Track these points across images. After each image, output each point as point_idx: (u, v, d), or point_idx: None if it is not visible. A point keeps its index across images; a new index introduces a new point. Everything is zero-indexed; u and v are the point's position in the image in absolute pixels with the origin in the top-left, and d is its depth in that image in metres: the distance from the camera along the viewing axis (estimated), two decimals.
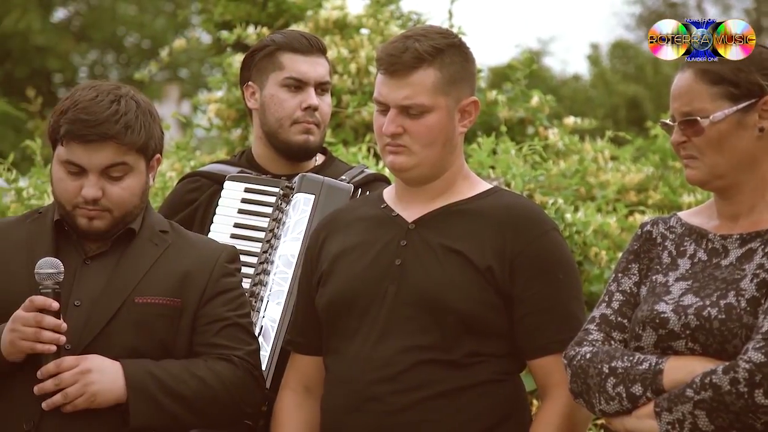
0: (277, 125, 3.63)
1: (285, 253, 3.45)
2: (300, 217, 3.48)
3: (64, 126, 2.94)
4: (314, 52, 3.64)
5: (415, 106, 2.92)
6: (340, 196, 3.50)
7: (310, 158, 3.68)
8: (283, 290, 3.40)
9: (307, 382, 3.07)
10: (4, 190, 5.42)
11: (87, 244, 3.01)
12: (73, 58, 24.00)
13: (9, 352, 2.87)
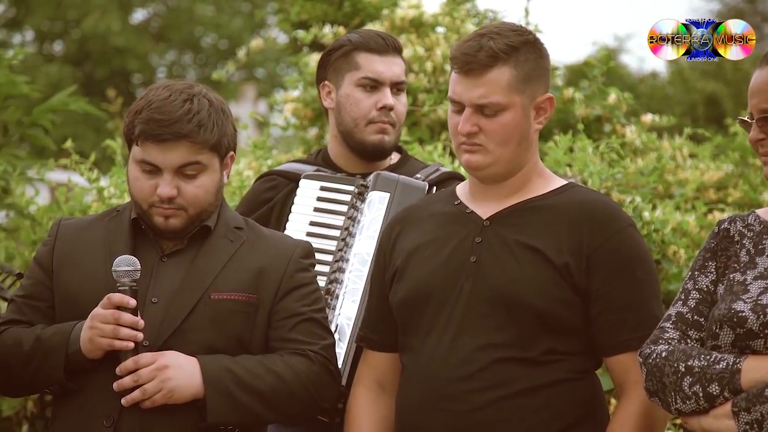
0: (352, 125, 3.64)
1: (360, 251, 3.46)
2: (375, 215, 3.48)
3: (139, 126, 2.97)
4: (390, 51, 3.65)
5: (490, 104, 2.92)
6: (415, 193, 3.49)
7: (384, 158, 3.68)
8: (359, 288, 3.41)
9: (380, 379, 3.08)
10: (86, 189, 5.49)
11: (163, 241, 3.04)
12: (152, 58, 24.27)
13: (88, 349, 2.90)
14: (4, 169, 5.39)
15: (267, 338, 3.02)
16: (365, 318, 3.18)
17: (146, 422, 2.90)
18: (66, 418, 2.96)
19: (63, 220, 3.13)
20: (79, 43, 23.06)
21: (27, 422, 4.98)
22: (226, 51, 23.47)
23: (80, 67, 22.78)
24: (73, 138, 5.56)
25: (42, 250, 3.08)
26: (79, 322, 2.93)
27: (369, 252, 3.44)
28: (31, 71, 17.61)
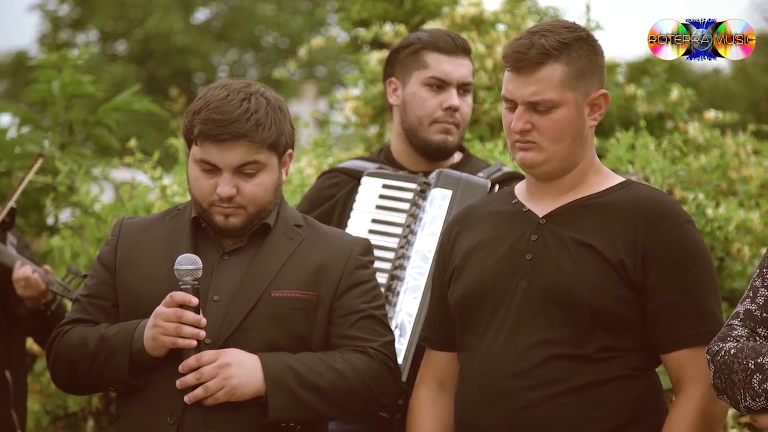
0: (416, 123, 3.64)
1: (421, 249, 3.46)
2: (437, 212, 3.48)
3: (198, 126, 2.98)
4: (459, 52, 3.65)
5: (542, 101, 2.91)
6: (477, 191, 3.49)
7: (447, 158, 3.68)
8: (420, 285, 3.41)
9: (441, 378, 3.08)
10: (149, 187, 5.53)
11: (224, 240, 3.05)
12: (213, 57, 24.45)
13: (152, 347, 2.92)
14: (70, 168, 5.45)
15: (327, 335, 3.03)
16: (427, 317, 3.18)
17: (209, 419, 2.91)
18: (130, 416, 2.99)
19: (125, 220, 3.15)
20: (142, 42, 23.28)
21: (92, 418, 5.04)
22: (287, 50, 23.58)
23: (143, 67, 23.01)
24: (137, 137, 5.61)
25: (105, 249, 3.11)
26: (143, 320, 2.95)
27: (430, 249, 3.44)
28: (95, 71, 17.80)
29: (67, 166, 5.43)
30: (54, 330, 3.05)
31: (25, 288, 4.08)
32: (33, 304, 4.16)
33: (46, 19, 24.59)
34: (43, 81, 5.85)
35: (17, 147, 5.82)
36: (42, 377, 5.19)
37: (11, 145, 5.81)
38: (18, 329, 4.40)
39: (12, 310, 4.29)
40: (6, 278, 4.26)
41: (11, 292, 4.25)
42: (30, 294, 4.09)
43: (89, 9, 23.47)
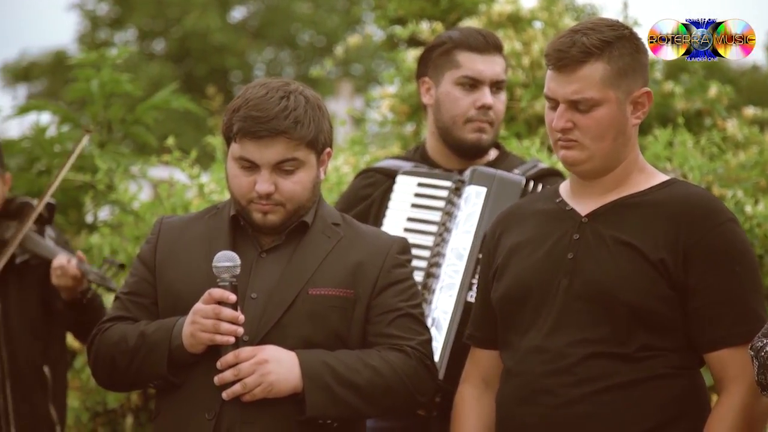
0: (450, 122, 3.64)
1: (456, 246, 3.46)
2: (472, 210, 3.48)
3: (237, 123, 3.00)
4: (491, 50, 3.64)
5: (584, 100, 2.90)
6: (512, 188, 3.48)
7: (482, 156, 3.68)
8: (455, 282, 3.42)
9: (485, 376, 3.08)
10: (187, 186, 5.56)
11: (262, 237, 3.07)
12: (250, 56, 24.51)
13: (190, 343, 2.94)
14: (109, 166, 5.49)
15: (364, 333, 3.04)
16: (472, 316, 3.18)
17: (247, 416, 2.92)
18: (169, 412, 3.01)
19: (165, 219, 3.17)
20: (180, 41, 23.38)
21: (131, 414, 5.07)
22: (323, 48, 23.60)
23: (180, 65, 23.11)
24: (174, 135, 5.64)
25: (145, 248, 3.13)
26: (182, 317, 2.97)
27: (465, 247, 3.44)
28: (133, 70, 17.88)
29: (106, 165, 5.46)
30: (95, 327, 3.08)
31: (61, 277, 4.11)
32: (69, 294, 4.18)
33: (85, 18, 24.74)
34: (82, 80, 5.89)
35: (57, 145, 5.86)
36: (82, 374, 5.22)
37: (51, 143, 5.86)
38: (57, 324, 4.44)
39: (51, 304, 4.33)
40: (45, 272, 4.30)
41: (50, 286, 4.29)
42: (65, 283, 4.11)
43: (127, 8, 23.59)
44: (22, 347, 4.28)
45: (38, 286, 4.33)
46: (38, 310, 4.33)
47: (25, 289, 4.33)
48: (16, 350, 4.27)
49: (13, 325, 4.28)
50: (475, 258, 3.41)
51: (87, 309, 4.19)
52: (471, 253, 3.42)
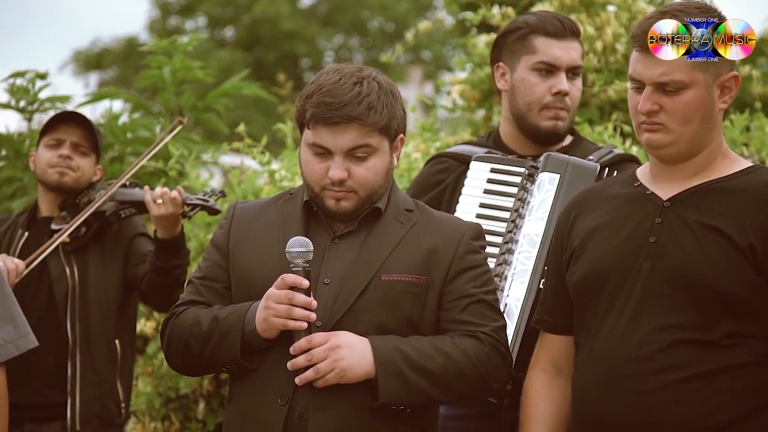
0: (526, 109, 3.61)
1: (529, 233, 3.43)
2: (545, 196, 3.45)
3: (310, 110, 2.99)
4: (568, 35, 3.60)
5: (671, 82, 2.86)
6: (585, 174, 3.45)
7: (558, 143, 3.65)
8: (527, 269, 3.39)
9: (556, 361, 3.06)
10: (258, 172, 5.58)
11: (335, 223, 3.07)
12: (320, 42, 24.57)
13: (263, 328, 2.94)
14: (181, 152, 5.52)
15: (437, 320, 3.02)
16: (542, 301, 3.16)
17: (319, 401, 2.93)
18: (242, 397, 3.01)
19: (238, 204, 3.18)
20: (250, 28, 23.51)
21: (203, 400, 5.10)
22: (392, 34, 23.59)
23: (250, 52, 23.23)
24: (244, 122, 5.65)
25: (218, 233, 3.14)
26: (255, 302, 2.97)
27: (538, 233, 3.41)
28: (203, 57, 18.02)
29: (178, 151, 5.50)
30: (172, 295, 3.09)
31: (161, 205, 4.13)
32: (167, 230, 4.19)
33: (156, 6, 24.97)
34: (154, 67, 5.93)
35: (129, 132, 5.91)
36: (154, 359, 5.27)
37: (123, 130, 5.90)
38: (132, 303, 4.48)
39: (130, 277, 4.37)
40: (129, 240, 4.36)
41: (131, 257, 4.34)
42: (165, 211, 4.13)
43: None
44: (95, 317, 4.33)
45: (120, 257, 4.39)
46: (116, 282, 4.39)
47: (107, 258, 4.39)
48: (89, 319, 4.32)
49: (90, 294, 4.34)
50: (548, 245, 3.38)
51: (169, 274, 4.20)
52: (544, 240, 3.40)
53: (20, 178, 5.84)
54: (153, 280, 4.25)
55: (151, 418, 5.12)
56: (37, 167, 4.46)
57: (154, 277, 4.24)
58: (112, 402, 4.36)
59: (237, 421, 3.02)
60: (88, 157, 4.45)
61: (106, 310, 4.36)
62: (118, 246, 4.41)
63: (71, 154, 4.41)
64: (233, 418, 3.04)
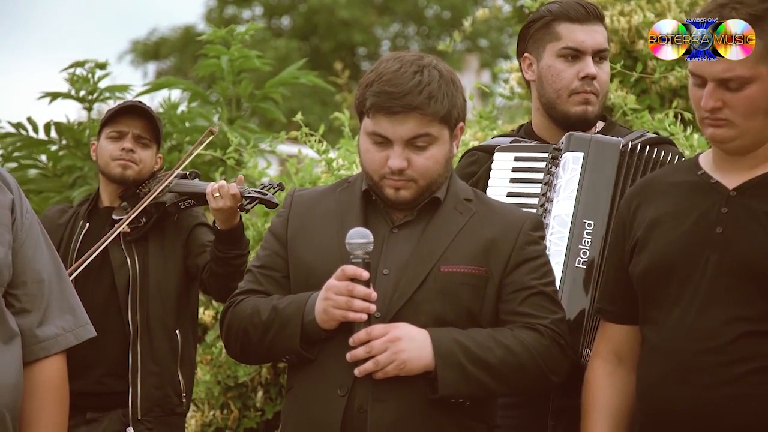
0: (554, 96, 3.59)
1: (559, 213, 3.42)
2: (570, 176, 3.44)
3: (370, 98, 2.97)
4: (591, 19, 3.57)
5: (734, 78, 2.80)
6: (609, 150, 3.43)
7: (589, 128, 3.62)
8: (561, 250, 3.37)
9: (618, 351, 3.03)
10: (315, 161, 5.58)
11: (394, 213, 3.05)
12: (376, 31, 24.56)
13: (323, 319, 2.93)
14: (239, 141, 5.53)
15: (496, 311, 3.00)
16: (602, 290, 3.13)
17: (378, 393, 2.91)
18: (301, 387, 3.01)
19: (296, 192, 3.17)
20: (306, 17, 23.54)
21: (261, 389, 5.12)
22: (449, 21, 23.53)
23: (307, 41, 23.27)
24: (301, 111, 5.65)
25: (276, 221, 3.13)
26: (314, 292, 2.96)
27: (568, 213, 3.40)
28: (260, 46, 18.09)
29: (236, 140, 5.51)
30: (231, 283, 3.10)
31: (219, 198, 4.14)
32: (225, 222, 4.20)
33: None
34: (212, 56, 5.95)
35: (187, 122, 5.94)
36: (213, 348, 5.29)
37: (182, 120, 5.94)
38: (192, 292, 4.50)
39: (190, 267, 4.39)
40: (189, 230, 4.39)
41: (191, 246, 4.36)
42: (223, 205, 4.14)
43: None
44: (156, 307, 4.35)
45: (180, 247, 4.41)
46: (177, 272, 4.41)
47: (167, 248, 4.41)
48: (150, 309, 4.34)
49: (151, 283, 4.36)
50: (579, 223, 3.38)
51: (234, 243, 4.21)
52: (574, 219, 3.38)
53: (80, 167, 5.89)
54: (213, 270, 4.26)
55: (209, 406, 5.14)
56: (99, 158, 4.48)
57: (214, 267, 4.26)
58: (173, 392, 4.38)
59: (296, 412, 3.02)
60: (150, 149, 4.47)
61: (166, 299, 4.38)
62: (178, 236, 4.43)
63: (134, 146, 4.43)
64: (292, 408, 3.04)
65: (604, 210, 3.39)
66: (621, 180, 3.43)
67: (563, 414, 3.34)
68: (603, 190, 3.41)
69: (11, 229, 2.89)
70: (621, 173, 3.43)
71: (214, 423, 5.11)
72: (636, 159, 3.45)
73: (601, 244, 3.35)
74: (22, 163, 6.07)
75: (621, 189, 3.41)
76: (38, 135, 6.02)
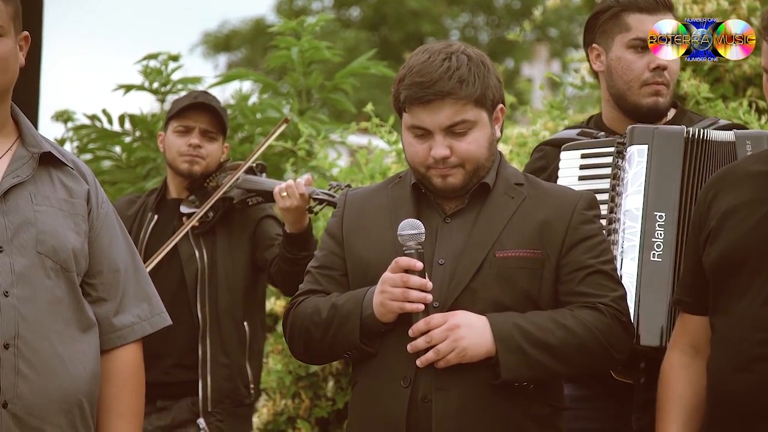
0: (625, 88, 3.56)
1: (629, 208, 3.39)
2: (637, 169, 3.41)
3: (403, 92, 3.00)
4: (660, 9, 3.53)
5: None
6: (673, 139, 3.40)
7: (660, 120, 3.59)
8: (635, 245, 3.35)
9: (695, 343, 2.99)
10: (385, 152, 5.59)
11: (445, 203, 3.06)
12: (445, 21, 24.50)
13: (381, 313, 2.95)
14: (309, 132, 5.56)
15: (555, 293, 3.00)
16: (680, 281, 3.10)
17: (441, 382, 2.92)
18: (365, 382, 3.03)
19: (349, 191, 3.20)
20: (375, 7, 23.55)
21: (332, 378, 5.14)
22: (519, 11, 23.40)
23: (376, 32, 23.29)
24: (371, 101, 5.67)
25: (332, 221, 3.16)
26: (372, 287, 2.98)
27: (638, 207, 3.37)
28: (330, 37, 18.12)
29: (307, 131, 5.54)
30: (289, 302, 3.13)
31: (287, 198, 4.16)
32: (293, 224, 4.22)
33: None
34: (282, 48, 5.98)
35: (258, 113, 5.98)
36: (284, 338, 5.32)
37: (253, 111, 5.98)
38: (260, 284, 4.53)
39: (258, 260, 4.42)
40: (256, 224, 4.41)
41: (258, 240, 4.39)
42: (291, 204, 4.16)
43: None
44: (224, 299, 4.39)
45: (247, 240, 4.44)
46: (244, 264, 4.44)
47: (234, 240, 4.45)
48: (218, 301, 4.38)
49: (219, 276, 4.40)
50: (650, 216, 3.35)
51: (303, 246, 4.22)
52: (644, 213, 3.36)
53: (154, 158, 5.96)
54: (282, 268, 4.29)
55: (281, 395, 5.17)
56: (167, 152, 4.53)
57: (282, 265, 4.28)
58: (242, 383, 4.42)
59: (361, 405, 3.04)
60: (216, 141, 4.51)
61: (234, 292, 4.41)
62: (245, 229, 4.46)
63: (200, 141, 4.47)
64: (358, 402, 3.06)
65: (674, 200, 3.37)
66: (688, 167, 3.40)
67: (648, 407, 3.31)
68: (671, 180, 3.39)
69: (87, 219, 2.93)
70: (687, 161, 3.40)
71: (285, 412, 5.15)
72: (702, 144, 3.41)
73: (675, 234, 3.33)
74: (97, 155, 6.16)
75: (689, 176, 3.38)
76: (113, 127, 6.10)
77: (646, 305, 3.25)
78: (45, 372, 2.79)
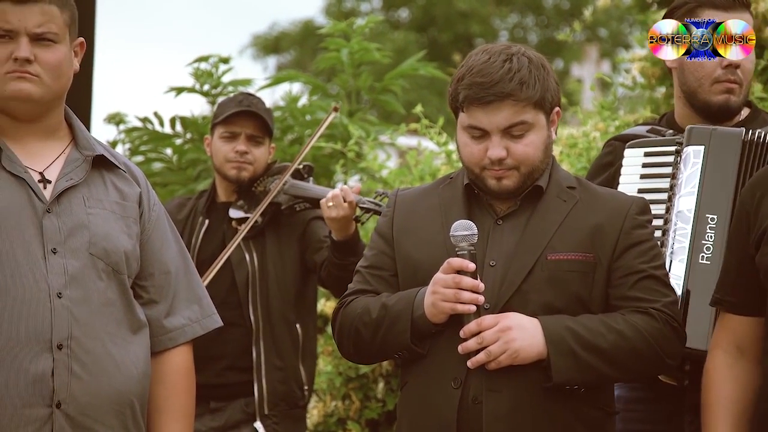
0: (696, 85, 3.53)
1: (681, 209, 3.37)
2: (692, 170, 3.39)
3: (462, 92, 2.99)
4: (737, 7, 3.50)
5: None
6: (731, 141, 3.37)
7: (731, 118, 3.55)
8: (684, 246, 3.33)
9: (739, 343, 2.97)
10: (435, 153, 5.58)
11: (497, 204, 3.06)
12: (494, 21, 24.45)
13: (432, 313, 2.95)
14: (359, 134, 5.56)
15: (607, 297, 2.99)
16: (721, 280, 3.06)
17: (492, 383, 2.92)
18: (415, 382, 3.03)
19: (399, 192, 3.20)
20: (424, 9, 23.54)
21: (383, 380, 5.14)
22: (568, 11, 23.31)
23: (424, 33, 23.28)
24: (420, 103, 5.67)
25: (382, 221, 3.16)
26: (423, 287, 2.98)
27: (690, 208, 3.35)
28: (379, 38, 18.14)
29: (356, 133, 5.54)
30: (338, 302, 3.13)
31: (333, 207, 4.16)
32: (339, 231, 4.22)
33: None
34: (332, 49, 5.99)
35: (308, 115, 5.99)
36: (333, 338, 5.33)
37: (302, 113, 5.99)
38: (311, 285, 4.54)
39: (307, 262, 4.43)
40: (304, 227, 4.42)
41: (307, 242, 4.39)
42: (337, 214, 4.17)
43: None
44: (276, 302, 4.40)
45: (296, 242, 4.45)
46: (294, 266, 4.45)
47: (283, 243, 4.46)
48: (270, 304, 4.39)
49: (270, 279, 4.41)
50: (702, 218, 3.34)
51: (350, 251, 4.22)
52: (696, 214, 3.34)
53: (204, 160, 5.99)
54: (331, 272, 4.29)
55: (331, 397, 5.19)
56: (214, 157, 4.54)
57: (331, 269, 4.28)
58: (296, 385, 4.43)
59: (411, 406, 3.04)
60: (263, 145, 4.52)
61: (285, 294, 4.42)
62: (293, 231, 4.47)
63: (247, 147, 4.47)
64: (407, 403, 3.06)
65: (727, 203, 3.34)
66: (744, 170, 3.37)
67: None
68: (725, 182, 3.36)
69: (139, 221, 2.95)
70: (744, 163, 3.37)
71: (336, 413, 5.16)
72: (760, 147, 3.38)
73: (725, 237, 3.30)
74: (148, 157, 6.20)
75: (744, 179, 3.35)
76: (164, 129, 6.15)
77: (694, 308, 3.23)
78: (97, 372, 2.82)
